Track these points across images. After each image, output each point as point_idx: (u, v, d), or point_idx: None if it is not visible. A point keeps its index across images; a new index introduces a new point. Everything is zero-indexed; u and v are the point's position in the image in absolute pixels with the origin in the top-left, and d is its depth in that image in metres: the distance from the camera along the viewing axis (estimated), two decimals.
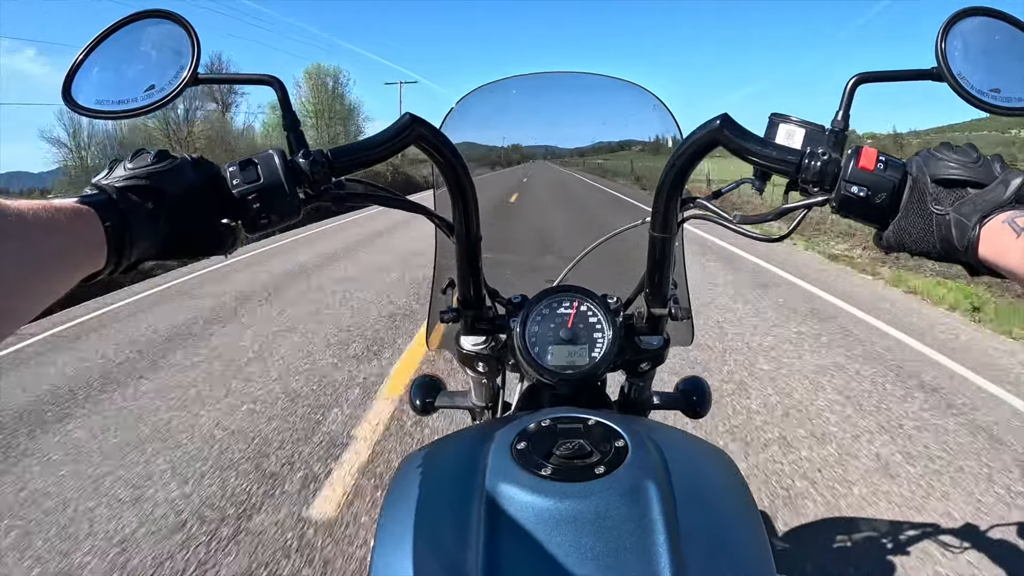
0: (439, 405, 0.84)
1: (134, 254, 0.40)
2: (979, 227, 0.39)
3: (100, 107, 0.49)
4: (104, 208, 0.38)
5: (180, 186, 0.44)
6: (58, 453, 2.39)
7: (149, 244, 0.41)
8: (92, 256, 0.37)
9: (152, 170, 0.43)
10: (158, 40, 0.51)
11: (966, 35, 0.49)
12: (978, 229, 0.39)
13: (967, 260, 0.41)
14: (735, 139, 0.49)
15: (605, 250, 0.78)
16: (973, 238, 0.39)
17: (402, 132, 0.52)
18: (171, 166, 0.44)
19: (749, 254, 6.07)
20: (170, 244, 0.43)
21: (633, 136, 0.94)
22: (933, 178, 0.44)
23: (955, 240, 0.41)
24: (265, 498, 2.00)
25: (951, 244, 0.41)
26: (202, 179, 0.46)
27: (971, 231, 0.40)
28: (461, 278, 0.65)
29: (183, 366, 3.34)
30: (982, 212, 0.40)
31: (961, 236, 0.40)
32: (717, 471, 0.52)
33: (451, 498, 0.47)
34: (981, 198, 0.41)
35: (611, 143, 0.99)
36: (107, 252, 0.38)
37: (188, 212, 0.44)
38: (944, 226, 0.42)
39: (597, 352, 0.63)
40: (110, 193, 0.39)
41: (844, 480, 2.02)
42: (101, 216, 0.37)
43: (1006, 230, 0.38)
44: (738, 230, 0.55)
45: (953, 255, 0.42)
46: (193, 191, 0.44)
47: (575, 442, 0.47)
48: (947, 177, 0.43)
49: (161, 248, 0.43)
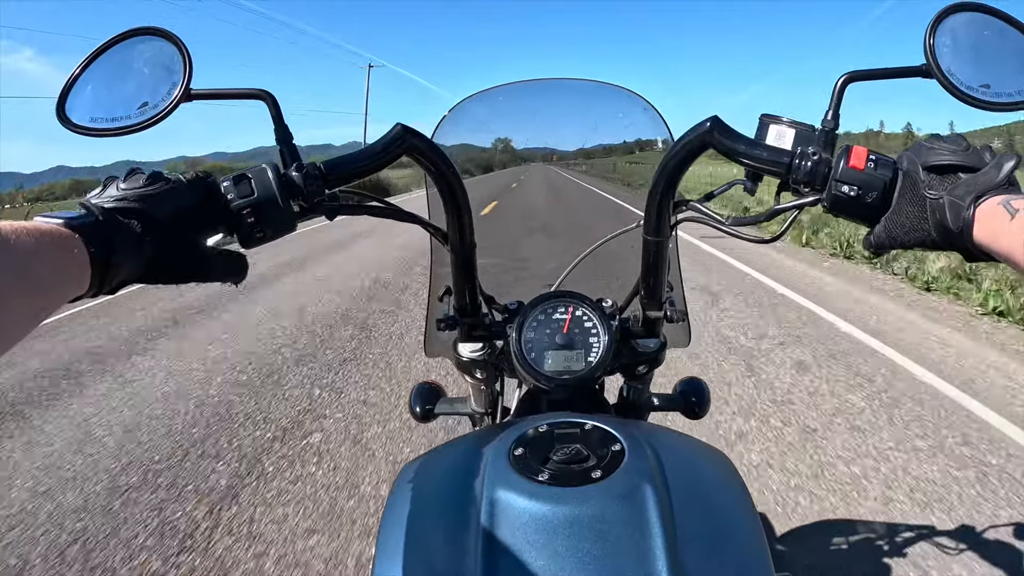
0: (439, 412, 0.84)
1: (117, 277, 0.40)
2: (973, 208, 0.39)
3: (94, 125, 0.50)
4: (89, 231, 0.37)
5: (170, 210, 0.43)
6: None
7: (134, 267, 0.41)
8: (76, 279, 0.37)
9: (143, 192, 0.42)
10: (150, 57, 0.52)
11: (955, 31, 0.48)
12: (972, 210, 0.39)
13: (963, 244, 0.40)
14: (725, 141, 0.49)
15: (600, 254, 0.78)
16: (968, 219, 0.39)
17: (394, 143, 0.52)
18: (162, 189, 0.43)
19: (828, 313, 3.94)
20: (155, 268, 0.43)
21: (624, 139, 0.94)
22: (924, 165, 0.43)
23: (950, 222, 0.40)
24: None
25: (946, 228, 0.41)
26: (197, 198, 0.45)
27: (966, 211, 0.39)
28: (457, 286, 0.65)
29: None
30: (976, 193, 0.39)
31: (956, 218, 0.40)
32: (715, 473, 0.52)
33: (450, 505, 0.47)
34: (974, 181, 0.40)
35: (601, 145, 1.00)
36: (91, 275, 0.37)
37: (175, 237, 0.43)
38: (939, 210, 0.41)
39: (593, 357, 0.63)
40: (97, 215, 0.39)
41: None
42: (85, 240, 0.37)
43: (1000, 212, 0.38)
44: (730, 232, 0.55)
45: (948, 239, 0.41)
46: (183, 214, 0.44)
47: (572, 447, 0.47)
48: (939, 163, 0.43)
49: (145, 271, 0.42)
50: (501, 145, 1.00)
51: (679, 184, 0.55)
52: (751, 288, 4.62)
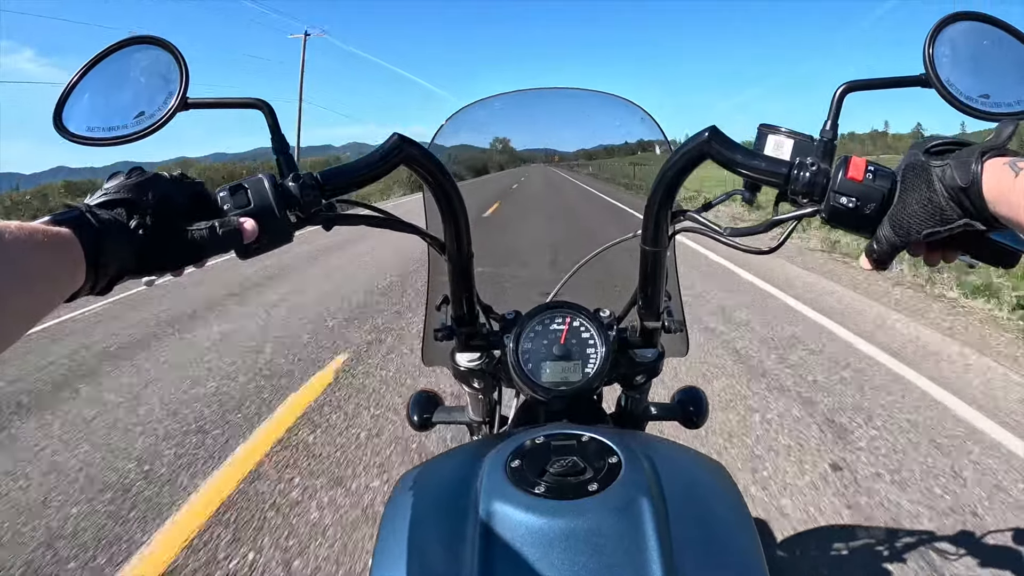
0: (436, 421, 0.84)
1: (112, 268, 0.40)
2: (981, 163, 0.39)
3: (91, 134, 0.50)
4: (78, 224, 0.38)
5: (153, 196, 0.44)
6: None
7: (126, 256, 0.41)
8: (72, 273, 0.37)
9: (124, 184, 0.43)
10: (147, 66, 0.52)
11: (954, 40, 0.48)
12: (980, 164, 0.39)
13: (975, 204, 0.39)
14: (724, 151, 0.49)
15: (597, 264, 0.78)
16: (977, 172, 0.39)
17: (391, 153, 0.52)
18: (142, 179, 0.44)
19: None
20: (147, 255, 0.43)
21: (624, 141, 0.95)
22: (925, 151, 0.44)
23: (959, 179, 0.40)
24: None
25: (955, 187, 0.40)
26: (179, 190, 0.46)
27: (975, 165, 0.39)
28: (454, 296, 0.65)
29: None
30: (981, 151, 0.40)
31: (965, 173, 0.40)
32: (712, 483, 0.52)
33: (447, 517, 0.47)
34: (977, 145, 0.41)
35: (601, 146, 1.01)
36: (85, 268, 0.38)
37: (161, 221, 0.44)
38: (945, 176, 0.41)
39: (590, 368, 0.63)
40: (83, 210, 0.40)
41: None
42: (76, 232, 0.37)
43: (1006, 171, 0.38)
44: (728, 243, 0.55)
45: (959, 201, 0.40)
46: (166, 201, 0.44)
47: (568, 459, 0.47)
48: (939, 143, 0.43)
49: (138, 260, 0.43)
50: (500, 146, 1.00)
51: (677, 194, 0.55)
52: (819, 339, 3.18)
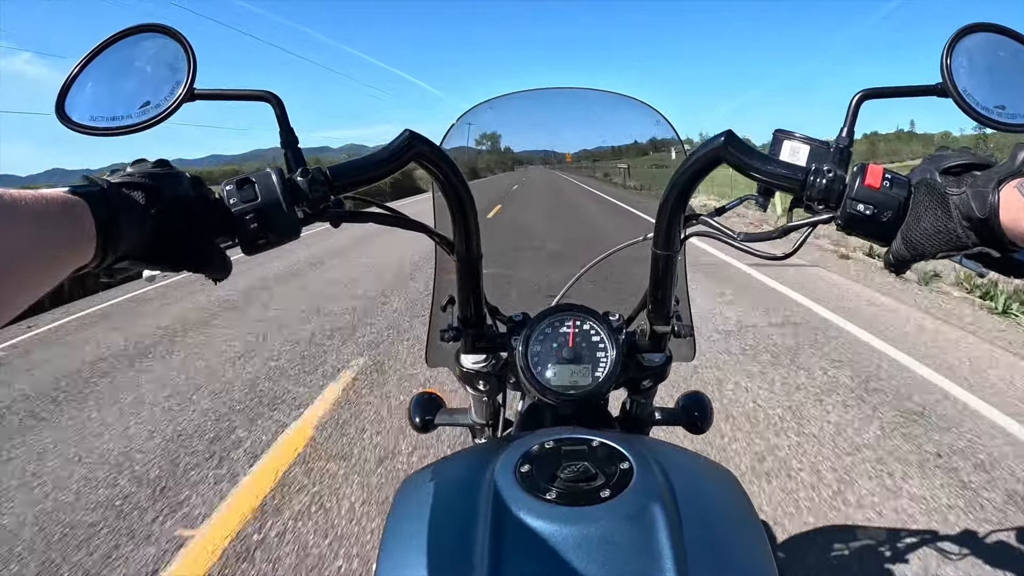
0: (439, 422, 0.83)
1: (121, 247, 0.39)
2: (997, 192, 0.40)
3: (94, 123, 0.48)
4: (94, 198, 0.37)
5: (175, 191, 0.43)
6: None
7: (137, 238, 0.41)
8: (81, 247, 0.36)
9: (149, 171, 0.43)
10: (154, 55, 0.50)
11: (971, 51, 0.48)
12: (997, 194, 0.40)
13: (992, 233, 0.40)
14: (739, 156, 0.49)
15: (606, 266, 0.77)
16: (994, 203, 0.39)
17: (402, 149, 0.51)
18: (168, 172, 0.44)
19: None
20: (159, 244, 0.43)
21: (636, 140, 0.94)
22: (940, 170, 0.44)
23: (976, 211, 0.40)
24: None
25: (972, 219, 0.41)
26: (197, 196, 0.45)
27: (991, 195, 0.40)
28: (461, 296, 0.64)
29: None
30: (998, 178, 0.40)
31: (982, 205, 0.40)
32: (722, 490, 0.52)
33: (455, 521, 0.46)
34: (992, 171, 0.41)
35: (614, 147, 1.00)
36: (95, 244, 0.37)
37: (180, 216, 0.43)
38: (963, 204, 0.41)
39: (600, 372, 0.62)
40: (102, 185, 0.39)
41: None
42: (91, 206, 0.37)
43: (1019, 196, 0.38)
44: (741, 247, 0.54)
45: (976, 231, 0.41)
46: (187, 200, 0.44)
47: (580, 464, 0.46)
48: (955, 164, 0.44)
49: (149, 246, 0.42)
50: (508, 146, 0.99)
51: (690, 198, 0.55)
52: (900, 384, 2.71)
